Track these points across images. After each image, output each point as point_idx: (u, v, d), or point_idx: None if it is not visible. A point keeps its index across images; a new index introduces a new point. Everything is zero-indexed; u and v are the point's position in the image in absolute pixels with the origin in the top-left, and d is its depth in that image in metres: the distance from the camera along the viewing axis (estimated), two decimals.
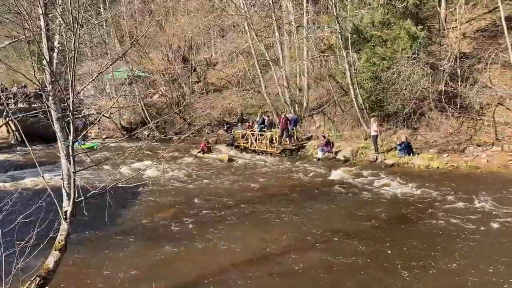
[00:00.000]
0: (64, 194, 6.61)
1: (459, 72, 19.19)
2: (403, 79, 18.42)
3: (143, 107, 30.21)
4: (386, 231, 10.38)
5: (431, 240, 9.59)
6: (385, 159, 18.07)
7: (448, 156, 17.30)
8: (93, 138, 27.90)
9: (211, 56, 37.83)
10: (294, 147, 21.55)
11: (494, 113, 18.49)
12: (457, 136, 18.60)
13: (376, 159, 18.19)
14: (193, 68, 33.86)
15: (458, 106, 19.02)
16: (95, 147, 19.53)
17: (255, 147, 22.67)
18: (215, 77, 35.35)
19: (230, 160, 20.39)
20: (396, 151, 18.22)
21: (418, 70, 18.47)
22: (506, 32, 18.03)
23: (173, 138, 26.06)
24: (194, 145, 23.34)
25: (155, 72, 32.71)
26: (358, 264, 8.53)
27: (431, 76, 18.88)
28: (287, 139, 21.72)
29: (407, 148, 17.84)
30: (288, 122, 21.45)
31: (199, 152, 21.56)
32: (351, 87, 20.26)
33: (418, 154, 17.76)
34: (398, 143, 18.19)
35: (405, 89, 18.64)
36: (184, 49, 34.57)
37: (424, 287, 7.57)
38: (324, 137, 20.44)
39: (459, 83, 18.94)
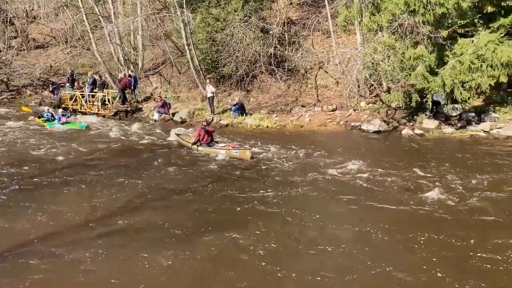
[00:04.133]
0: None
1: (286, 37, 20.45)
2: (236, 41, 18.90)
3: None
4: (215, 187, 10.69)
5: (255, 187, 10.19)
6: (220, 120, 18.54)
7: (277, 116, 18.55)
8: None
9: (32, 8, 33.48)
10: (129, 109, 20.63)
11: (316, 76, 20.33)
12: (285, 98, 20.04)
13: (212, 120, 18.52)
14: (9, 20, 29.58)
15: (286, 70, 20.38)
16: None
17: (85, 109, 21.06)
18: (37, 32, 31.53)
19: None
20: (230, 112, 18.81)
21: (250, 33, 19.13)
22: (327, 2, 19.71)
23: None
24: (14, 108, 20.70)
25: None
26: (184, 220, 8.69)
27: (262, 40, 19.73)
28: (120, 100, 20.60)
29: (241, 109, 18.57)
30: (129, 82, 20.44)
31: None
32: (186, 48, 20.03)
33: (251, 114, 18.65)
34: (233, 104, 18.79)
35: (239, 51, 19.21)
36: None
37: (241, 232, 7.99)
38: (161, 98, 20.00)
39: (286, 47, 20.18)
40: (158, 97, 20.28)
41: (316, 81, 20.27)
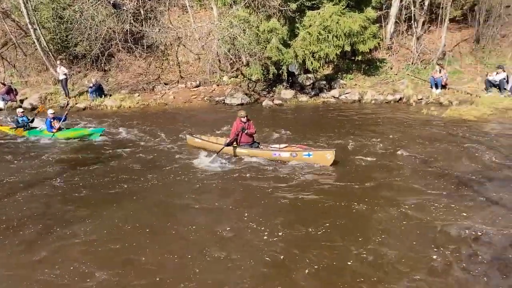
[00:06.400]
0: None
1: (142, 12, 19.67)
2: (87, 18, 17.61)
3: None
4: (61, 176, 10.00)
5: (108, 172, 9.76)
6: (77, 103, 17.25)
7: (139, 95, 17.89)
8: None
9: None
10: None
11: (177, 53, 20.01)
12: (147, 76, 19.44)
13: (68, 103, 17.18)
14: None
15: (145, 47, 19.68)
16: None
17: None
18: None
19: None
20: (87, 94, 17.63)
21: (102, 9, 17.98)
22: None
23: None
24: None
25: None
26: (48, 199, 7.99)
27: (116, 16, 18.70)
28: None
29: (99, 91, 17.50)
30: None
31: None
32: (30, 27, 18.06)
33: (110, 95, 17.71)
34: (89, 85, 17.62)
35: (91, 29, 17.96)
36: None
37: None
38: (4, 84, 17.89)
39: (143, 23, 19.44)
40: (1, 83, 18.10)
41: (177, 58, 19.98)
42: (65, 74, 17.49)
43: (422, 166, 9.18)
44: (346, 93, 17.06)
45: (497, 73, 15.25)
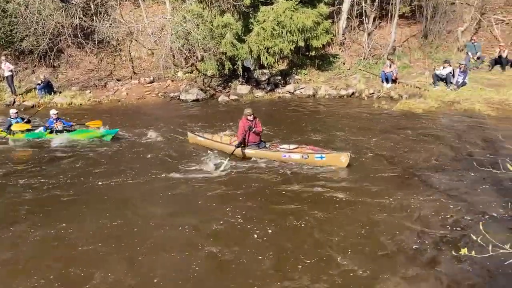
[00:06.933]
0: None
1: (92, 7, 19.06)
2: (33, 12, 16.88)
3: None
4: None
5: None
6: (24, 101, 16.54)
7: (90, 92, 17.37)
8: None
9: None
10: None
11: (129, 48, 19.55)
12: (98, 72, 18.88)
13: (14, 101, 16.44)
14: None
15: (96, 42, 19.10)
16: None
17: None
18: None
19: None
20: (36, 91, 16.93)
21: (49, 3, 17.28)
22: None
23: None
24: None
25: None
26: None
27: (64, 11, 18.02)
28: None
29: (48, 88, 16.84)
30: None
31: None
32: None
33: (60, 92, 17.09)
34: (37, 82, 16.93)
35: (38, 24, 17.23)
36: None
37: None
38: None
39: (93, 18, 18.86)
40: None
41: (130, 53, 19.53)
42: (11, 71, 16.71)
43: (373, 157, 9.47)
44: (301, 88, 17.27)
45: (443, 67, 15.87)
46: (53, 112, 12.00)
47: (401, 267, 5.37)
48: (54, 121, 11.85)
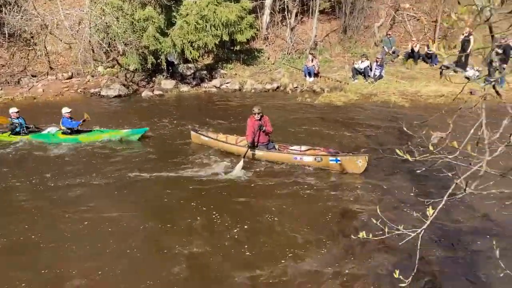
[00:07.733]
0: None
1: None
2: None
3: None
4: None
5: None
6: None
7: (1, 89, 16.20)
8: None
9: None
10: None
11: (45, 42, 18.42)
12: (10, 68, 17.64)
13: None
14: None
15: (6, 36, 17.81)
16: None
17: None
18: None
19: None
20: None
21: None
22: None
23: None
24: None
25: None
26: None
27: None
28: None
29: None
30: None
31: None
32: None
33: None
34: None
35: None
36: None
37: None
38: None
39: (2, 9, 17.54)
40: None
41: (46, 47, 18.40)
42: None
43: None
44: (227, 83, 17.29)
45: (362, 61, 16.62)
46: (66, 110, 10.74)
47: (304, 255, 5.57)
48: (69, 120, 10.67)
